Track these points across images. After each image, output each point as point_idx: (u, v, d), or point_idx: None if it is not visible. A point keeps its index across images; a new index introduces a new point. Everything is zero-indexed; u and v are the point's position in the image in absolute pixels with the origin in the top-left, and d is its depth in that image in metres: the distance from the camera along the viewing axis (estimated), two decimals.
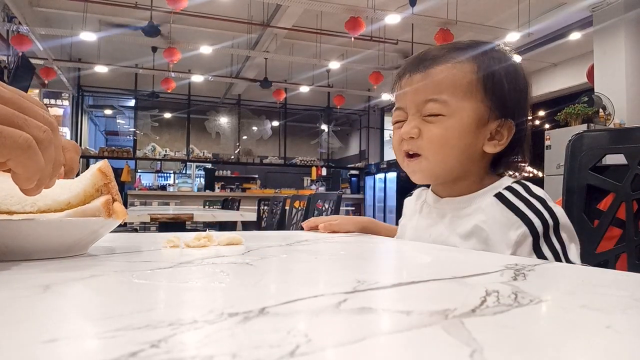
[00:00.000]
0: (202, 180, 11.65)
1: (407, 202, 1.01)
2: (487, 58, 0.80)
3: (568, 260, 0.71)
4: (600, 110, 5.29)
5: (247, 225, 4.63)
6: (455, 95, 0.78)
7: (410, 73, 0.82)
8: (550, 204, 0.75)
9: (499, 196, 0.77)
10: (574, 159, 0.98)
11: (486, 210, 0.77)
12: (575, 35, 6.77)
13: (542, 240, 0.72)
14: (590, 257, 0.91)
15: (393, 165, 10.40)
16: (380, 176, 10.75)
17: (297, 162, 12.12)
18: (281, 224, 3.59)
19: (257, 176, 12.05)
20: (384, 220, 8.77)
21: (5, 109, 0.40)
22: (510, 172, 0.86)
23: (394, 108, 0.86)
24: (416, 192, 0.99)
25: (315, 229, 1.01)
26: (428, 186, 0.94)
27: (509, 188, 0.78)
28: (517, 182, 0.80)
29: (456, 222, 0.81)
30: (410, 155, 0.82)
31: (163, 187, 10.98)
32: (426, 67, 0.80)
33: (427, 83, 0.79)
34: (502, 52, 0.83)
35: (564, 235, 0.73)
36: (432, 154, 0.79)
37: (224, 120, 12.39)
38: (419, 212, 0.92)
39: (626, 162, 0.91)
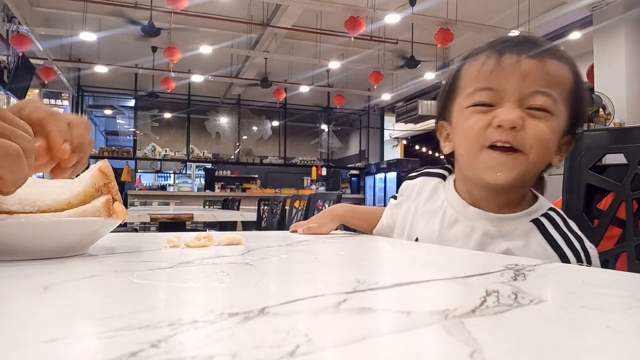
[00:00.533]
0: (202, 180, 11.65)
1: (409, 187, 0.90)
2: (578, 70, 0.75)
3: None
4: (600, 109, 5.29)
5: (247, 225, 4.63)
6: (560, 95, 0.71)
7: (519, 55, 0.70)
8: (587, 244, 0.72)
9: (537, 223, 0.73)
10: (573, 158, 0.98)
11: (521, 236, 0.72)
12: (575, 35, 6.77)
13: None
14: None
15: (393, 165, 10.41)
16: (380, 176, 10.75)
17: (297, 162, 12.13)
18: (281, 224, 3.59)
19: (257, 176, 12.05)
20: None
21: None
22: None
23: (476, 87, 0.73)
24: (427, 182, 0.87)
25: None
26: (443, 177, 0.86)
27: (546, 216, 0.74)
28: (554, 210, 0.75)
29: (486, 240, 0.74)
30: (502, 148, 0.70)
31: (163, 187, 10.97)
32: (541, 56, 0.70)
33: (543, 73, 0.70)
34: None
35: None
36: (535, 153, 0.69)
37: (224, 120, 12.38)
38: (440, 216, 0.81)
39: (626, 162, 0.91)
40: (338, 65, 8.57)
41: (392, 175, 10.23)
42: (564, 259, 0.69)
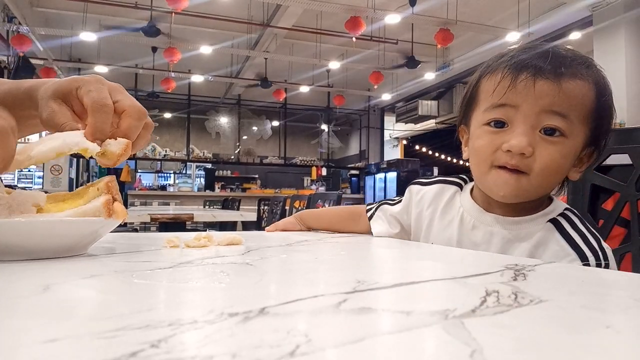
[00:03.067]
0: (202, 180, 11.66)
1: (420, 193, 0.89)
2: (602, 81, 0.73)
3: None
4: None
5: (247, 225, 4.63)
6: (579, 116, 0.69)
7: (535, 76, 0.69)
8: (604, 243, 0.71)
9: (555, 222, 0.73)
10: None
11: (540, 237, 0.73)
12: (575, 35, 6.77)
13: None
14: None
15: (393, 165, 10.40)
16: (380, 176, 10.75)
17: (297, 162, 12.13)
18: None
19: (257, 176, 12.06)
20: None
21: None
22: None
23: (492, 104, 0.73)
24: (444, 191, 0.86)
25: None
26: (460, 187, 0.85)
27: (563, 215, 0.74)
28: (570, 209, 0.75)
29: (505, 245, 0.75)
30: (507, 169, 0.70)
31: (163, 187, 10.98)
32: (557, 76, 0.69)
33: (558, 94, 0.68)
34: (604, 74, 0.74)
35: None
36: (539, 179, 0.70)
37: (224, 120, 12.39)
38: (458, 223, 0.81)
39: (630, 162, 0.91)
40: (338, 66, 8.58)
41: (392, 175, 10.22)
42: (583, 257, 0.69)
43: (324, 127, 12.91)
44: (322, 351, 0.22)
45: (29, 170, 10.36)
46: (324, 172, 11.72)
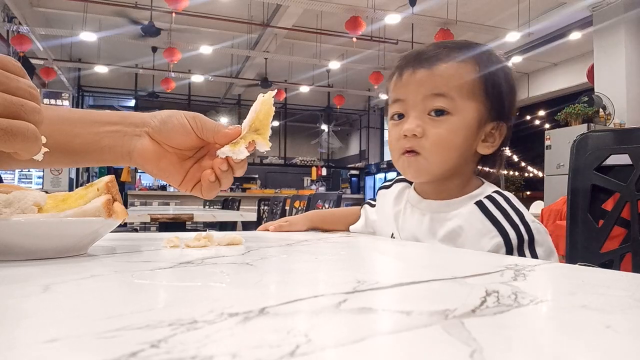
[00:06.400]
0: None
1: (384, 195, 0.99)
2: (486, 60, 0.82)
3: None
4: (600, 110, 5.29)
5: (247, 226, 4.63)
6: (460, 93, 0.79)
7: (414, 68, 0.81)
8: (528, 218, 0.76)
9: (479, 204, 0.79)
10: (578, 159, 0.98)
11: (465, 217, 0.79)
12: (575, 35, 6.77)
13: (516, 253, 0.72)
14: (595, 257, 0.91)
15: (393, 165, 10.41)
16: (380, 176, 10.77)
17: (297, 162, 12.14)
18: None
19: (257, 176, 12.04)
20: None
21: None
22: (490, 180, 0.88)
23: (392, 100, 0.85)
24: (397, 187, 0.97)
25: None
26: (410, 182, 0.94)
27: (489, 197, 0.80)
28: (498, 192, 0.81)
29: (435, 225, 0.82)
30: (409, 151, 0.81)
31: (163, 187, 10.94)
32: (431, 63, 0.80)
33: (434, 78, 0.79)
34: (496, 55, 0.85)
35: (539, 250, 0.74)
36: (433, 155, 0.80)
37: (224, 120, 12.38)
38: (403, 212, 0.91)
39: (630, 162, 0.91)
40: (338, 66, 8.58)
41: (392, 176, 10.14)
42: (503, 232, 0.74)
43: (324, 127, 12.91)
44: (322, 351, 0.22)
45: (29, 171, 10.36)
46: (324, 172, 11.71)
